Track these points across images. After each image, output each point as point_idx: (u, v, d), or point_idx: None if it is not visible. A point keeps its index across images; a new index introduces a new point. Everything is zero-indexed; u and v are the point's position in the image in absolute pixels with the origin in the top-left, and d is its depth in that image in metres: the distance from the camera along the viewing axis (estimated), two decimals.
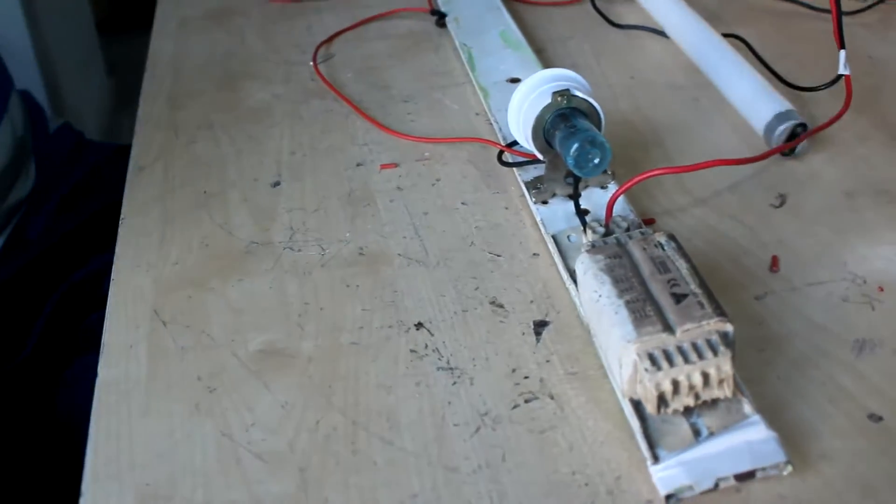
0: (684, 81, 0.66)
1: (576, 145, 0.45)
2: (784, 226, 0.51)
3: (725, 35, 0.69)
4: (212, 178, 0.56)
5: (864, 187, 0.54)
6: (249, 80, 0.68)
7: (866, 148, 0.58)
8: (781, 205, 0.53)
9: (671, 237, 0.41)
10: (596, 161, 0.45)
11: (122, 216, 0.53)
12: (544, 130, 0.48)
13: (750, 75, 0.61)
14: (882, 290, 0.46)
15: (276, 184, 0.55)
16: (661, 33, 0.72)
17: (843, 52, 0.60)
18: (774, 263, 0.48)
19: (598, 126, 0.49)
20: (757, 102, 0.59)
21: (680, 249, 0.40)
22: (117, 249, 0.50)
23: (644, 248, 0.40)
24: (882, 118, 0.61)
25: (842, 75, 0.60)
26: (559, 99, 0.48)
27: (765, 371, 0.41)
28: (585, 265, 0.40)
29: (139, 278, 0.48)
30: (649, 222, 0.51)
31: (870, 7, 0.78)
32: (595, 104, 0.48)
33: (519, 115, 0.50)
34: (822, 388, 0.40)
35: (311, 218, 0.52)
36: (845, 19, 0.76)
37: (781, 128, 0.55)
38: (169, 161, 0.58)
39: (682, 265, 0.39)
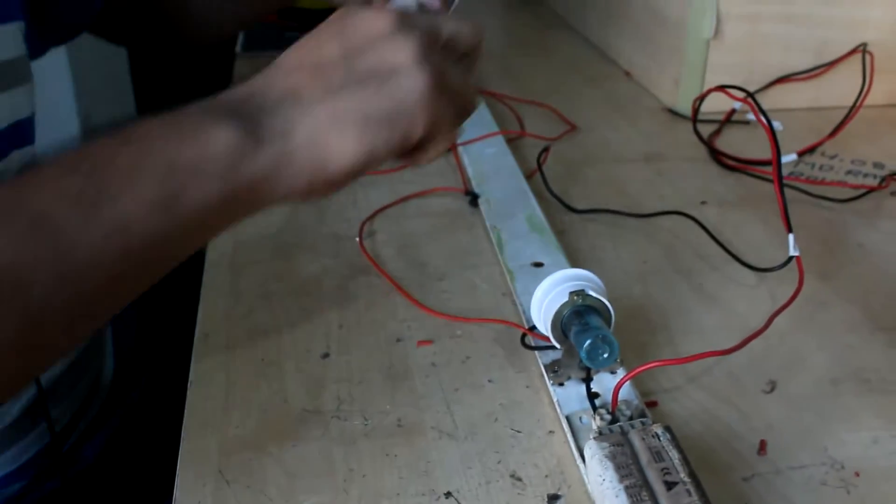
0: (691, 265, 0.74)
1: (588, 342, 0.52)
2: (773, 411, 0.57)
3: (680, 213, 0.78)
4: (269, 347, 0.64)
5: (848, 375, 0.61)
6: (302, 252, 0.76)
7: (853, 336, 0.65)
8: (772, 391, 0.59)
9: (667, 429, 0.48)
10: (605, 356, 0.53)
11: (189, 380, 0.61)
12: (562, 324, 0.56)
13: None
14: (858, 475, 0.53)
15: (326, 355, 0.62)
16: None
17: (791, 236, 0.67)
18: (762, 447, 0.54)
19: (609, 321, 0.56)
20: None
21: (674, 440, 0.47)
22: (186, 411, 0.58)
23: (643, 438, 0.47)
24: (869, 307, 0.69)
25: (792, 257, 0.67)
26: (575, 298, 0.55)
27: None
28: (593, 451, 0.47)
29: (206, 440, 0.55)
30: (652, 405, 0.57)
31: (861, 196, 0.86)
32: (606, 303, 0.56)
33: (540, 308, 0.57)
34: None
35: (357, 389, 0.59)
36: (839, 206, 0.85)
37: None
38: (230, 327, 0.66)
39: (674, 455, 0.46)
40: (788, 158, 0.95)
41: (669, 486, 0.44)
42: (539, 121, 1.06)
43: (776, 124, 1.03)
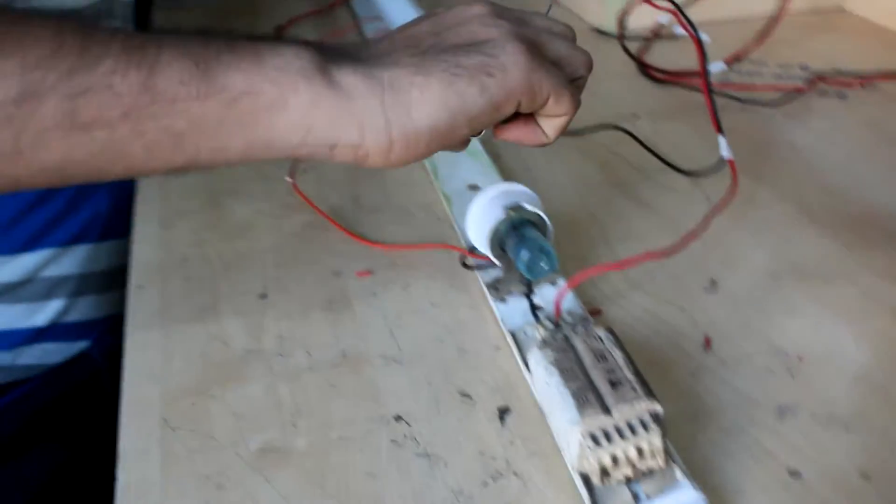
0: (626, 176, 0.74)
1: (525, 253, 0.52)
2: (716, 308, 0.58)
3: (614, 127, 0.78)
4: (205, 293, 0.62)
5: (786, 267, 0.61)
6: (233, 198, 0.74)
7: (789, 231, 0.66)
8: (713, 289, 0.60)
9: (609, 331, 0.48)
10: (544, 266, 0.52)
11: (126, 332, 0.59)
12: (499, 239, 0.55)
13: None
14: (802, 359, 0.53)
15: (264, 296, 0.61)
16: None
17: (721, 138, 0.67)
18: (707, 343, 0.55)
19: (546, 233, 0.56)
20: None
21: (616, 341, 0.47)
22: (126, 363, 0.56)
23: (586, 341, 0.47)
24: (802, 202, 0.69)
25: (725, 158, 0.67)
26: (511, 212, 0.55)
27: (698, 438, 0.48)
28: (537, 359, 0.47)
29: (148, 389, 0.54)
30: (596, 312, 0.57)
31: (790, 98, 0.87)
32: (543, 215, 0.55)
33: (476, 226, 0.57)
34: (748, 451, 0.47)
35: (297, 326, 0.58)
36: (769, 110, 0.85)
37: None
38: (166, 278, 0.64)
39: (618, 355, 0.46)
40: (717, 67, 0.95)
41: (614, 384, 0.44)
42: None
43: (703, 36, 1.02)
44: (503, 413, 0.50)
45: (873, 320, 0.56)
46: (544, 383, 0.46)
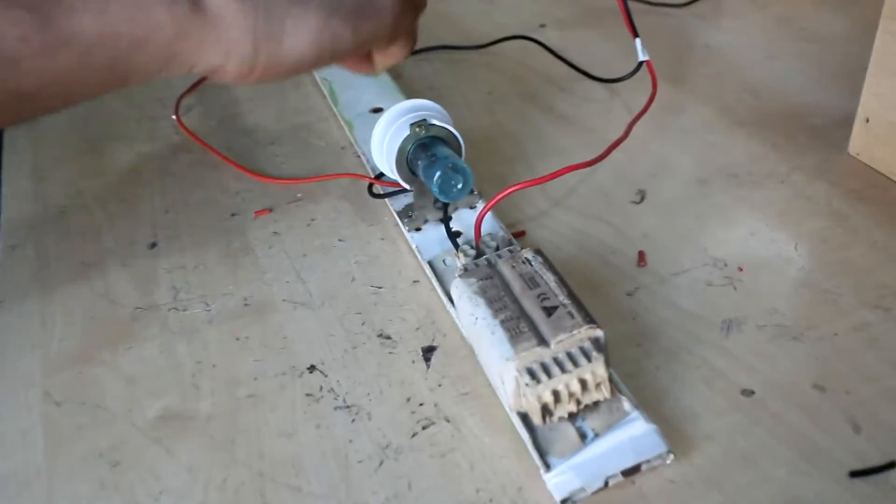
0: (539, 89, 0.69)
1: (438, 174, 0.47)
2: (646, 220, 0.54)
3: (521, 37, 0.73)
4: (87, 247, 0.56)
5: (714, 173, 0.58)
6: (114, 142, 0.67)
7: (714, 135, 0.62)
8: (641, 200, 0.56)
9: (538, 252, 0.43)
10: (459, 186, 0.47)
11: None
12: (407, 161, 0.50)
13: None
14: (742, 269, 0.50)
15: (154, 244, 0.55)
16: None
17: (638, 41, 0.63)
18: (641, 259, 0.51)
19: (459, 151, 0.51)
20: None
21: (546, 263, 0.42)
22: None
23: (513, 266, 0.42)
24: (725, 105, 0.65)
25: (642, 62, 0.63)
26: (417, 129, 0.49)
27: (643, 364, 0.44)
28: (460, 289, 0.42)
29: (26, 361, 0.47)
30: (520, 234, 0.53)
31: (700, 1, 0.83)
32: (453, 130, 0.50)
33: (381, 149, 0.51)
34: (697, 372, 0.43)
35: (193, 275, 0.52)
36: (680, 11, 0.81)
37: None
38: (40, 235, 0.58)
39: (549, 278, 0.41)
40: None
41: (549, 311, 0.39)
42: None
43: None
44: (428, 353, 0.45)
45: (809, 221, 0.53)
46: (469, 316, 0.41)
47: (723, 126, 0.63)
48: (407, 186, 0.51)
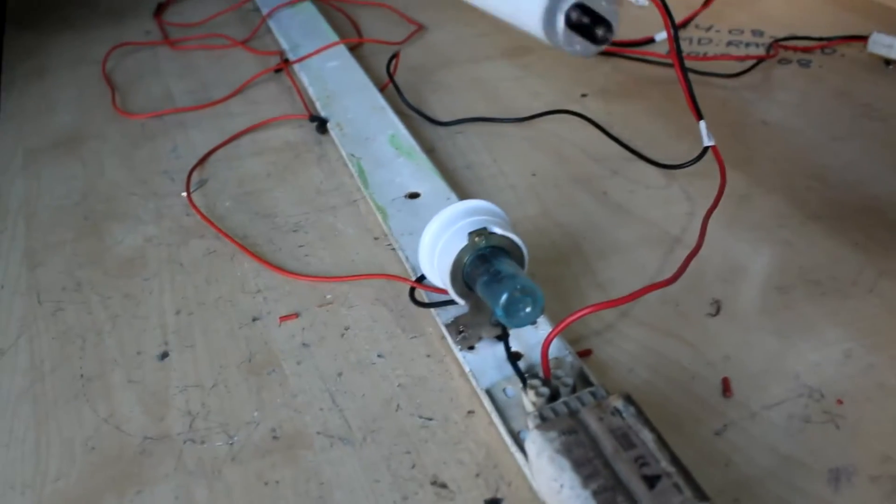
0: (588, 171, 0.63)
1: (505, 296, 0.40)
2: (726, 337, 0.47)
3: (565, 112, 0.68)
4: (88, 356, 0.49)
5: (794, 279, 0.52)
6: (116, 222, 0.61)
7: (787, 231, 0.56)
8: (717, 312, 0.49)
9: (628, 400, 0.37)
10: (528, 310, 0.41)
11: None
12: (464, 274, 0.44)
13: None
14: (841, 402, 0.43)
15: (164, 355, 0.48)
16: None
17: (702, 124, 0.58)
18: (727, 387, 0.44)
19: (522, 262, 0.44)
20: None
21: (640, 415, 0.36)
22: None
23: (601, 418, 0.36)
24: (794, 194, 0.59)
25: (708, 147, 0.57)
26: (476, 239, 0.43)
27: None
28: (538, 446, 0.36)
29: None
30: (586, 354, 0.46)
31: (751, 69, 0.77)
32: (517, 240, 0.44)
33: (433, 259, 0.45)
34: None
35: (211, 396, 0.45)
36: (729, 82, 0.76)
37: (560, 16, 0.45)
38: (34, 336, 0.51)
39: (647, 436, 0.35)
40: (661, 36, 0.84)
41: (650, 482, 0.33)
42: (378, 23, 0.92)
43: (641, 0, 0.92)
44: None
45: None
46: (553, 482, 0.34)
47: (796, 221, 0.57)
48: (461, 302, 0.45)
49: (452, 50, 0.85)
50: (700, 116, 0.58)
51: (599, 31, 0.41)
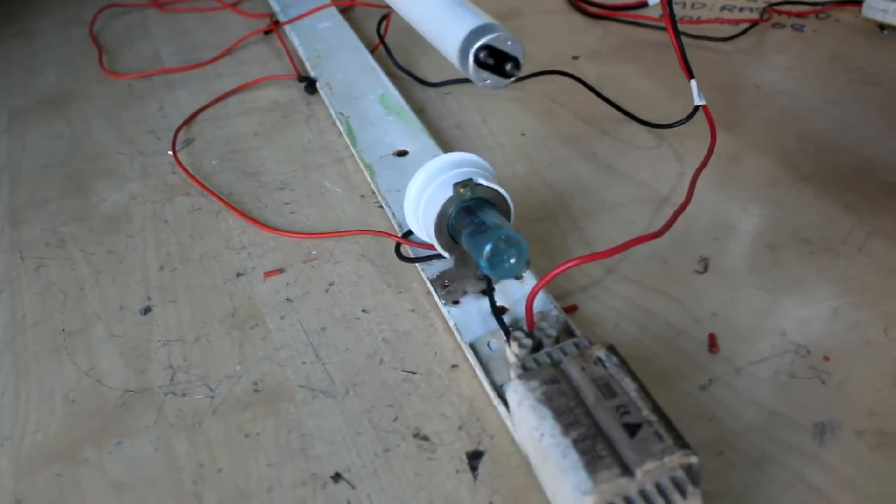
0: (578, 131, 0.62)
1: (488, 246, 0.40)
2: (714, 294, 0.47)
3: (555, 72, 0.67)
4: (70, 310, 0.48)
5: (784, 237, 0.51)
6: (101, 180, 0.60)
7: (778, 191, 0.55)
8: (705, 270, 0.49)
9: (611, 350, 0.36)
10: (512, 261, 0.40)
11: None
12: (449, 226, 0.43)
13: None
14: (828, 358, 0.43)
15: (147, 310, 0.48)
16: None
17: (693, 83, 0.57)
18: (713, 343, 0.44)
19: (507, 215, 0.44)
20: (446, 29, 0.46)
21: (623, 365, 0.35)
22: None
23: (583, 368, 0.35)
24: (785, 155, 0.59)
25: (698, 106, 0.57)
26: (462, 190, 0.42)
27: (727, 478, 0.37)
28: (520, 395, 0.35)
29: None
30: (571, 309, 0.46)
31: (744, 32, 0.76)
32: (502, 192, 0.43)
33: (417, 210, 0.44)
34: (791, 491, 0.36)
35: (193, 350, 0.45)
36: (723, 45, 0.75)
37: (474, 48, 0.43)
38: (16, 292, 0.50)
39: (629, 385, 0.34)
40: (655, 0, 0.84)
41: (631, 429, 0.32)
42: None
43: None
44: (474, 459, 0.38)
45: None
46: (533, 430, 0.34)
47: (786, 181, 0.56)
48: (446, 255, 0.44)
49: None
50: (691, 75, 0.57)
51: (507, 66, 0.43)
